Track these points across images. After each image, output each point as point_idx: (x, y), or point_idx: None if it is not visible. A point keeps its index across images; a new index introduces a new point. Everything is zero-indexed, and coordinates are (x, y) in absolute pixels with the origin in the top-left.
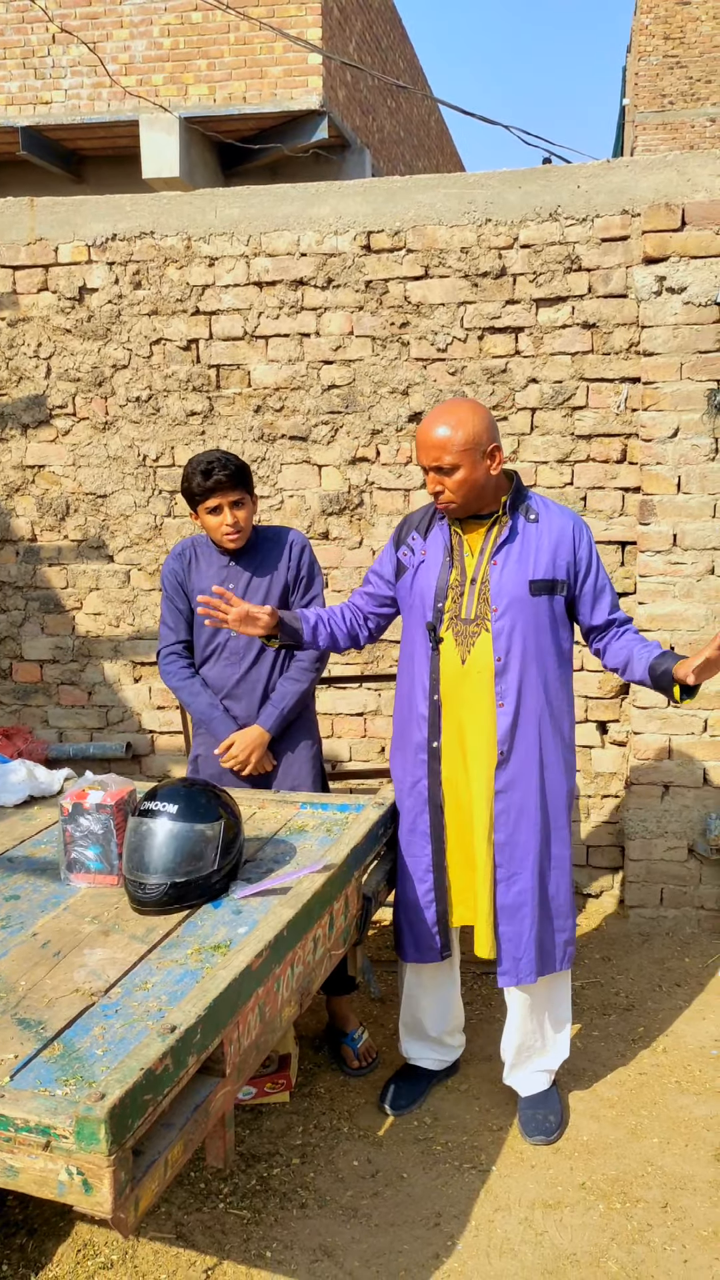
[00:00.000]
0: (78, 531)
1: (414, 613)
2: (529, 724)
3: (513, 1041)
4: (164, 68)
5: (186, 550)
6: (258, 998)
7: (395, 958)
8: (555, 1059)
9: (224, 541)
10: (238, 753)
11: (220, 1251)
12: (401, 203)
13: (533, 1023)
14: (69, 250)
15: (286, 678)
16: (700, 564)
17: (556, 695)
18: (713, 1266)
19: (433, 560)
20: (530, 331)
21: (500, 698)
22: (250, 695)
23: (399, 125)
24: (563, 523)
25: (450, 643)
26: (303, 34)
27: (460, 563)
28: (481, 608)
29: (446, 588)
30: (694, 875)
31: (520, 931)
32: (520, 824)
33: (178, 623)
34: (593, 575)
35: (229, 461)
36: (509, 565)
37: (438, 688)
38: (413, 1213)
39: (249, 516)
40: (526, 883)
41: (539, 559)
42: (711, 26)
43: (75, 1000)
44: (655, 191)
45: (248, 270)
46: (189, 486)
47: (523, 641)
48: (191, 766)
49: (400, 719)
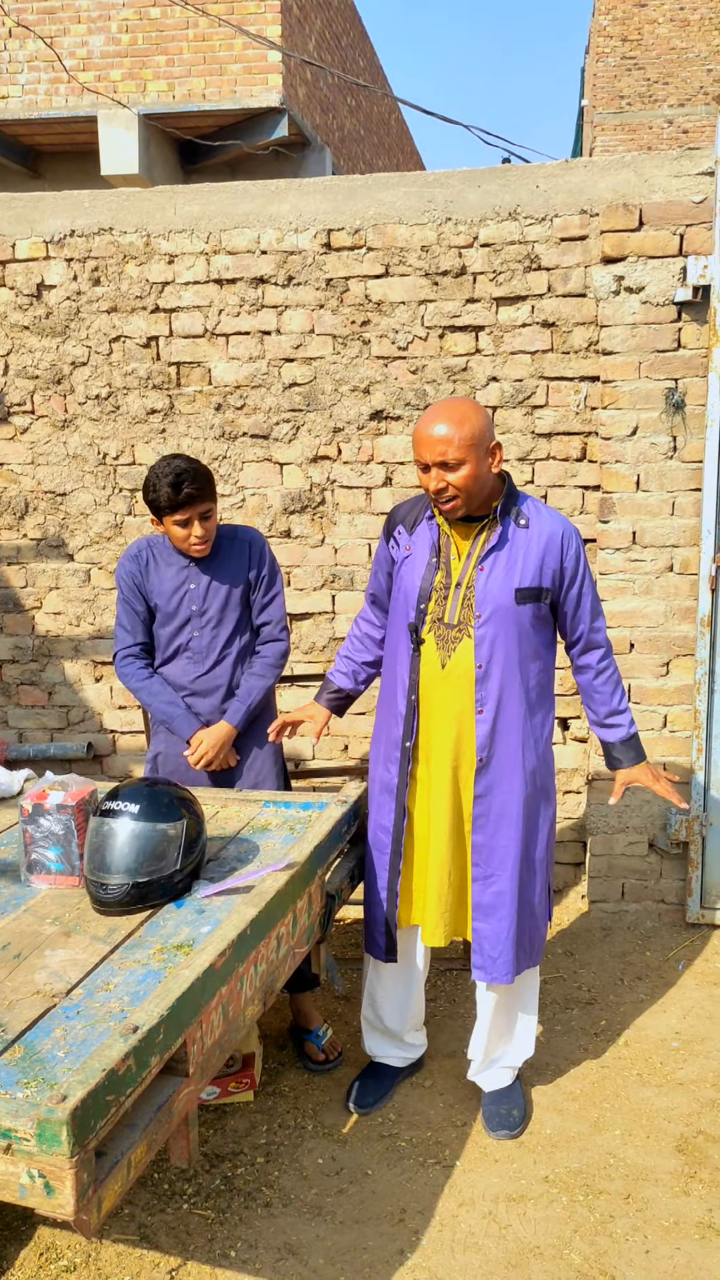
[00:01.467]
0: (37, 530)
1: (398, 609)
2: (509, 731)
3: (482, 1038)
4: (122, 63)
5: (143, 552)
6: (221, 997)
7: (359, 955)
8: (520, 1055)
9: (191, 552)
10: (205, 750)
11: (184, 1252)
12: (362, 201)
13: (503, 1019)
14: (26, 246)
15: (251, 674)
16: (659, 561)
17: (537, 700)
18: (674, 1256)
19: (418, 558)
20: (490, 330)
21: (480, 704)
22: (215, 693)
23: (359, 124)
24: (552, 529)
25: (431, 645)
26: (262, 31)
27: (446, 565)
28: (465, 613)
29: (431, 589)
30: (655, 870)
31: (498, 931)
32: (500, 827)
33: (134, 625)
34: (576, 586)
35: (197, 473)
36: (495, 572)
37: (416, 689)
38: (377, 1209)
39: (215, 524)
40: (505, 884)
41: (526, 566)
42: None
43: (36, 1002)
44: (613, 192)
45: (208, 267)
46: (155, 498)
47: (505, 649)
48: (150, 765)
49: (381, 714)
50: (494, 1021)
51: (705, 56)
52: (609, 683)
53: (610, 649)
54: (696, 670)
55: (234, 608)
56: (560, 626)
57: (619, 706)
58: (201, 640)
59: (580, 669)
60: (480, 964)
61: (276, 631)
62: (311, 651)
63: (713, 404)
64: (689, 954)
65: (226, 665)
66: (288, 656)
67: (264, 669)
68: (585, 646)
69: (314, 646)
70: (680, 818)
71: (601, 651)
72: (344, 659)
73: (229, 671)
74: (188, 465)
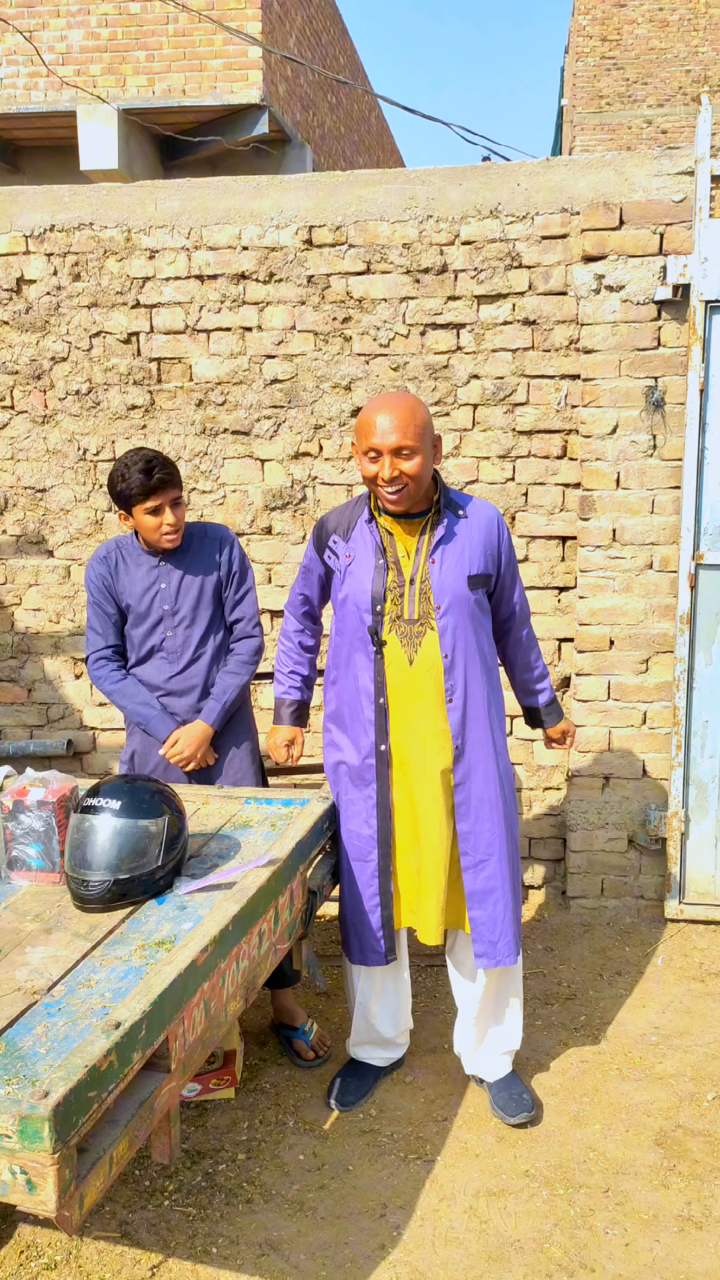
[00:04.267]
0: (16, 526)
1: (347, 618)
2: (478, 715)
3: (471, 1028)
4: (102, 58)
5: (111, 554)
6: (203, 993)
7: (340, 952)
8: (515, 1039)
9: (162, 542)
10: (182, 749)
11: (166, 1249)
12: (343, 198)
13: (492, 1004)
14: (6, 241)
15: (226, 672)
16: (639, 558)
17: (495, 684)
18: (653, 1249)
19: (362, 563)
20: (472, 328)
21: (449, 693)
22: (190, 693)
23: (340, 121)
24: (487, 515)
25: (395, 644)
26: (243, 27)
27: (396, 564)
28: (424, 606)
29: (385, 590)
30: (634, 866)
31: (495, 915)
32: (482, 812)
33: (106, 628)
34: (507, 563)
35: (165, 460)
36: (447, 563)
37: (384, 690)
38: (359, 1204)
39: (184, 514)
40: (496, 867)
41: (473, 554)
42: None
43: (17, 999)
44: (594, 190)
45: (189, 263)
46: (125, 488)
47: (465, 637)
48: (126, 766)
49: (342, 727)
50: (482, 1009)
51: (684, 57)
52: (532, 649)
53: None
54: (675, 667)
55: (206, 605)
56: (494, 605)
57: (542, 671)
58: (175, 640)
59: (513, 643)
60: (482, 951)
61: (250, 628)
62: None
63: (692, 402)
64: (668, 949)
65: (202, 664)
66: (262, 653)
67: (239, 666)
68: (517, 620)
69: None
70: (660, 814)
71: (528, 623)
72: (291, 674)
73: (204, 670)
74: (154, 453)
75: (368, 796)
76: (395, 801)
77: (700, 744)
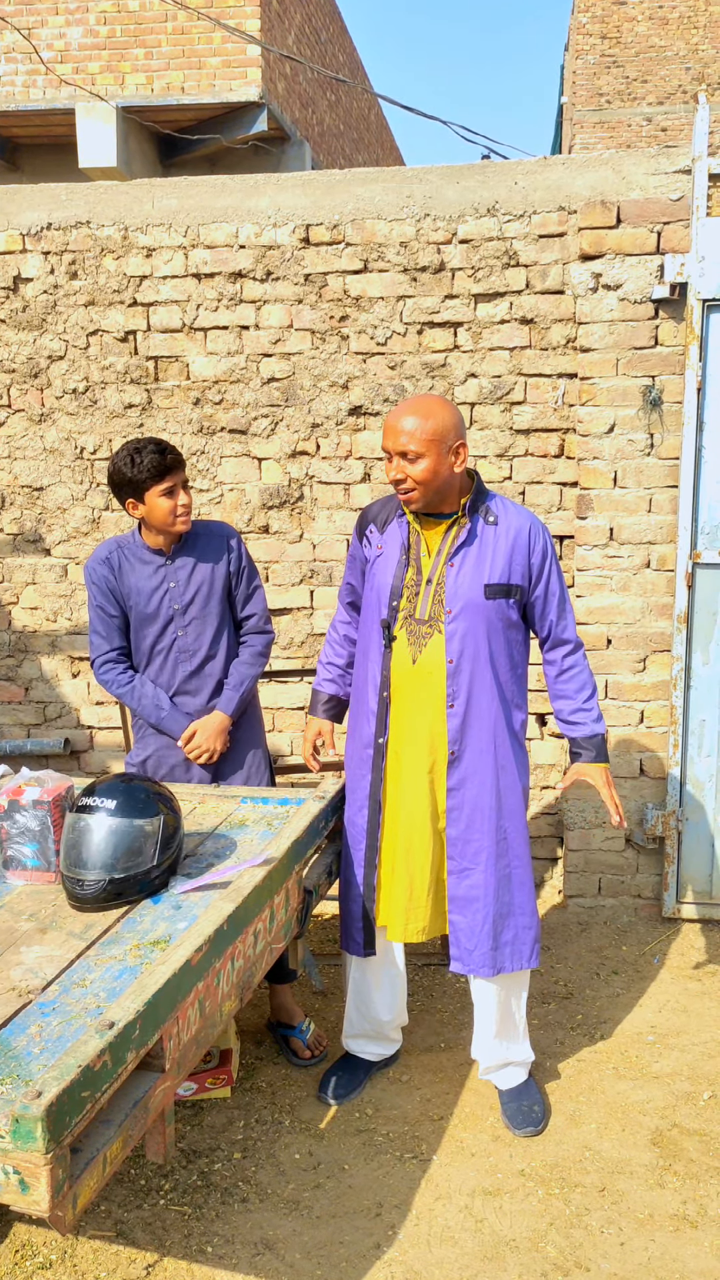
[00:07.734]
0: (13, 525)
1: (370, 608)
2: (481, 725)
3: (488, 1035)
4: (100, 56)
5: (113, 554)
6: (198, 992)
7: (337, 951)
8: (528, 1047)
9: (177, 525)
10: (201, 742)
11: (161, 1248)
12: (340, 196)
13: (507, 1010)
14: (3, 239)
15: (240, 662)
16: (636, 557)
17: (510, 696)
18: (649, 1248)
19: (389, 556)
20: (469, 326)
21: (451, 699)
22: (203, 691)
23: (338, 119)
24: (520, 525)
25: (403, 641)
26: (241, 25)
27: (417, 562)
28: (436, 609)
29: (402, 586)
30: (631, 865)
31: (474, 925)
32: (474, 821)
33: (110, 630)
34: (544, 582)
35: (169, 444)
36: (465, 568)
37: (388, 685)
38: (354, 1204)
39: (191, 499)
40: (481, 878)
41: (495, 562)
42: (647, 27)
43: (11, 999)
44: (591, 189)
45: (186, 262)
46: (137, 473)
47: (475, 644)
48: (139, 770)
49: (353, 712)
50: (495, 1013)
51: (684, 55)
52: (573, 680)
53: (579, 646)
54: (673, 666)
55: (216, 603)
56: (530, 622)
57: (584, 705)
58: (188, 639)
59: (547, 664)
60: (457, 956)
61: (262, 623)
62: (290, 647)
63: (689, 401)
64: (664, 948)
65: (217, 662)
66: (272, 645)
67: (253, 658)
68: (553, 643)
69: (292, 642)
70: (657, 813)
71: (568, 648)
72: (328, 665)
73: (220, 668)
74: (153, 438)
75: (363, 787)
76: (388, 796)
77: (697, 743)
